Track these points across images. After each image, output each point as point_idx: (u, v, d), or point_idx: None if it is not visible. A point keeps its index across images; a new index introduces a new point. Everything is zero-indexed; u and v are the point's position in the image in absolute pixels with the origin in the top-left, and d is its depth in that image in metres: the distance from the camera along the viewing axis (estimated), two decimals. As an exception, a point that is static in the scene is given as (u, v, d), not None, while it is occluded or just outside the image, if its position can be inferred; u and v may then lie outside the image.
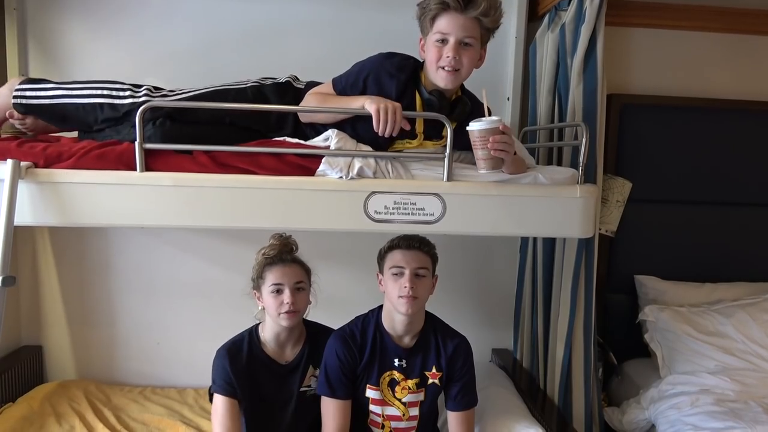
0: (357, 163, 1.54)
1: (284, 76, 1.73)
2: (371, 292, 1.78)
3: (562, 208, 1.59)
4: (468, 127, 1.49)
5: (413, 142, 1.65)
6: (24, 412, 1.96)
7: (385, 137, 1.51)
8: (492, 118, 1.47)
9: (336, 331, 1.72)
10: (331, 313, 1.80)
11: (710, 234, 2.39)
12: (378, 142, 1.59)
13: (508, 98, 2.28)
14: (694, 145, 2.34)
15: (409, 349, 1.68)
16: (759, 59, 2.39)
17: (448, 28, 1.53)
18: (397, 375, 1.67)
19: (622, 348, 2.36)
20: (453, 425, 1.69)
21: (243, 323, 1.75)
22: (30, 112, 1.72)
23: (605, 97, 1.92)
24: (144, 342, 2.35)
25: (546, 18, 2.11)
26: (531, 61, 2.20)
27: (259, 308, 1.70)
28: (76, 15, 2.17)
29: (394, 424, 1.70)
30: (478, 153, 1.50)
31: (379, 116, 1.47)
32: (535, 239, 2.20)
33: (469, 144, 1.53)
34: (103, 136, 1.67)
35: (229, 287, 1.73)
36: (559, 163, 2.01)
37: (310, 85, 1.71)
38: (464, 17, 1.52)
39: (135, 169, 1.50)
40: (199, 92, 1.67)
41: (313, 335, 1.75)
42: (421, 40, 1.62)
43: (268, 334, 1.70)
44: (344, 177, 1.53)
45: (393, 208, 1.54)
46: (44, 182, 1.48)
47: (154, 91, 1.68)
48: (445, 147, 1.56)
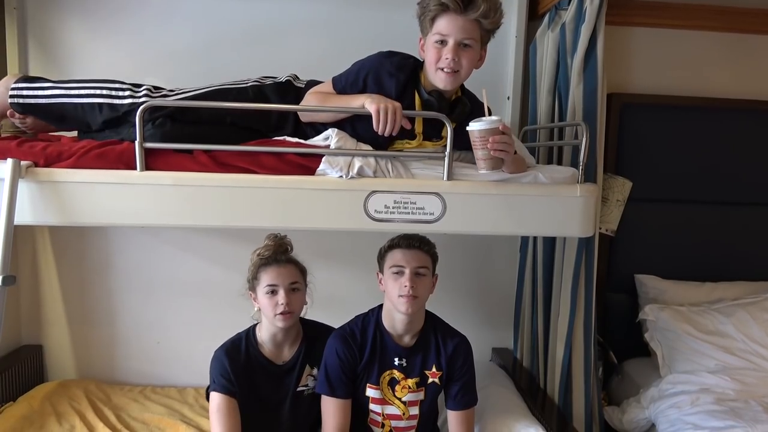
0: (357, 163, 1.53)
1: (284, 75, 1.73)
2: (371, 291, 1.78)
3: (562, 207, 1.59)
4: (468, 127, 1.49)
5: (412, 142, 1.64)
6: (24, 411, 1.96)
7: (385, 137, 1.51)
8: (492, 118, 1.47)
9: (336, 330, 1.72)
10: (331, 312, 1.81)
11: (710, 233, 2.39)
12: (378, 142, 1.58)
13: (508, 97, 2.28)
14: (694, 144, 2.34)
15: (409, 348, 1.68)
16: (759, 58, 2.39)
17: (447, 30, 1.52)
18: (397, 374, 1.67)
19: (622, 347, 2.36)
20: (453, 424, 1.69)
21: (243, 322, 1.75)
22: (27, 112, 1.70)
23: (605, 97, 1.92)
24: (144, 341, 2.35)
25: (546, 17, 2.11)
26: (531, 61, 2.20)
27: (255, 309, 1.69)
28: (76, 14, 2.17)
29: (394, 423, 1.70)
30: (478, 153, 1.50)
31: (379, 116, 1.47)
32: (535, 238, 2.20)
33: (469, 144, 1.53)
34: (103, 136, 1.66)
35: (229, 286, 1.73)
36: (560, 163, 2.01)
37: (311, 84, 1.70)
38: (464, 19, 1.51)
39: (135, 169, 1.49)
40: (199, 92, 1.66)
41: (311, 334, 1.74)
42: (420, 39, 1.61)
43: (264, 335, 1.69)
44: (344, 176, 1.53)
45: (393, 208, 1.54)
46: (44, 181, 1.48)
47: (154, 90, 1.67)
48: (445, 147, 1.56)
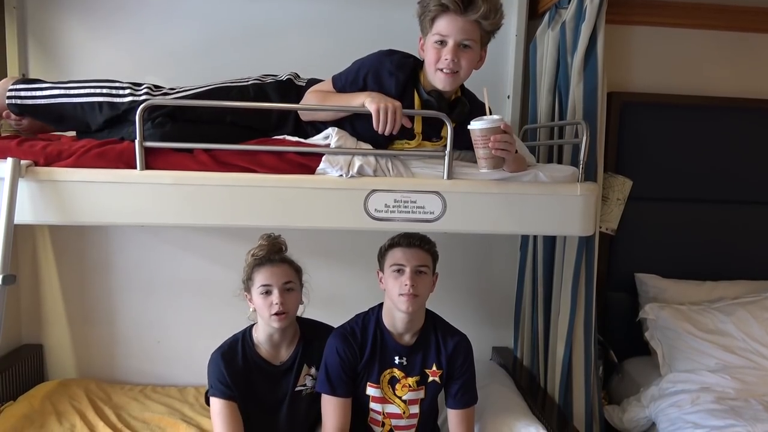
0: (357, 162, 1.53)
1: (285, 74, 1.72)
2: (372, 290, 1.78)
3: (562, 206, 1.59)
4: (469, 126, 1.48)
5: (412, 142, 1.64)
6: (25, 410, 1.96)
7: (385, 136, 1.51)
8: (493, 117, 1.47)
9: (336, 328, 1.72)
10: (331, 311, 1.81)
11: (711, 232, 2.39)
12: (377, 141, 1.58)
13: (508, 96, 2.28)
14: (694, 143, 2.34)
15: (409, 346, 1.68)
16: (759, 57, 2.39)
17: (447, 30, 1.51)
18: (397, 373, 1.67)
19: (623, 346, 2.36)
20: (453, 423, 1.69)
21: (243, 321, 1.74)
22: (25, 113, 1.69)
23: (605, 95, 1.92)
24: (144, 340, 2.35)
25: (546, 16, 2.10)
26: (531, 60, 2.19)
27: (251, 310, 1.68)
28: (76, 13, 2.16)
29: (394, 422, 1.70)
30: (479, 152, 1.49)
31: (379, 115, 1.47)
32: (535, 237, 2.20)
33: (469, 143, 1.52)
34: (102, 136, 1.65)
35: (229, 285, 1.72)
36: (560, 162, 2.00)
37: (312, 83, 1.70)
38: (464, 19, 1.50)
39: (135, 168, 1.49)
40: (200, 90, 1.66)
41: (308, 334, 1.73)
42: (420, 39, 1.61)
43: (261, 336, 1.69)
44: (344, 175, 1.53)
45: (393, 207, 1.54)
46: (44, 181, 1.48)
47: (155, 89, 1.66)
48: (444, 147, 1.55)
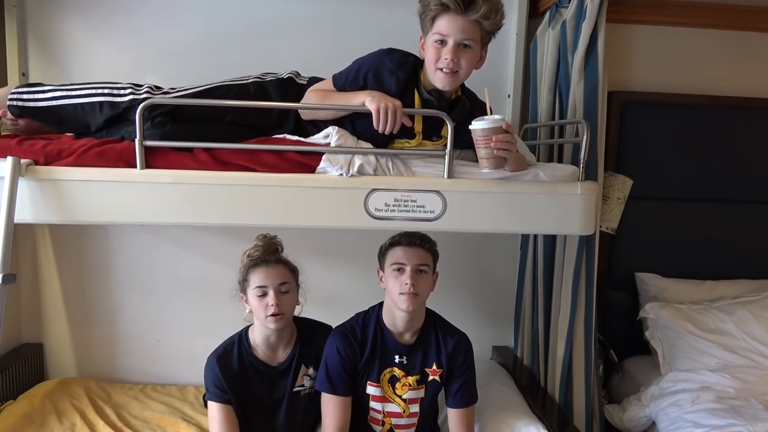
0: (357, 161, 1.53)
1: (286, 72, 1.72)
2: (372, 288, 1.78)
3: (562, 205, 1.59)
4: (470, 126, 1.48)
5: (412, 141, 1.64)
6: (25, 409, 1.96)
7: (385, 135, 1.51)
8: (495, 117, 1.46)
9: (336, 327, 1.72)
10: (331, 310, 1.80)
11: (711, 231, 2.39)
12: (377, 140, 1.58)
13: (508, 95, 2.28)
14: (694, 142, 2.34)
15: (409, 345, 1.68)
16: (760, 56, 2.39)
17: (447, 30, 1.51)
18: (397, 372, 1.67)
19: (623, 345, 2.36)
20: (453, 422, 1.69)
21: (242, 321, 1.74)
22: (25, 114, 1.69)
23: (606, 95, 1.91)
24: (144, 339, 2.35)
25: (547, 15, 2.10)
26: (532, 59, 2.19)
27: (247, 311, 1.67)
28: (76, 12, 2.16)
29: (394, 420, 1.70)
30: (481, 152, 1.49)
31: (379, 115, 1.47)
32: (535, 236, 2.20)
33: (469, 142, 1.52)
34: (101, 136, 1.65)
35: (229, 285, 1.72)
36: (560, 161, 2.00)
37: (313, 81, 1.69)
38: (464, 19, 1.49)
39: (135, 167, 1.49)
40: (200, 89, 1.66)
41: (305, 334, 1.73)
42: (421, 38, 1.60)
43: (258, 337, 1.68)
44: (345, 174, 1.52)
45: (393, 206, 1.54)
46: (44, 180, 1.48)
47: (155, 90, 1.67)
48: (444, 146, 1.55)
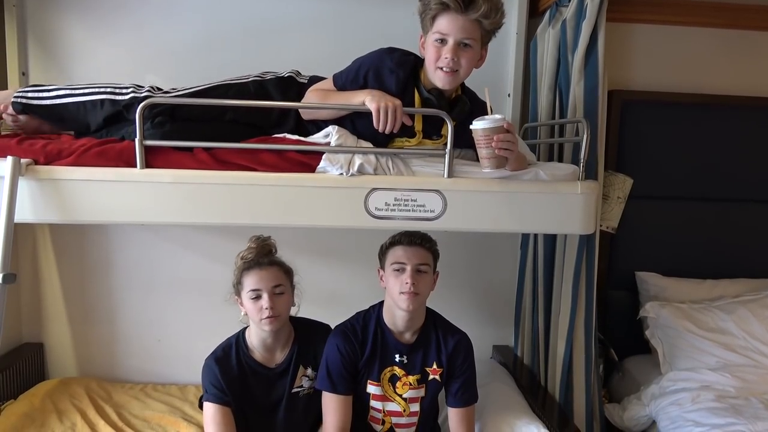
0: (357, 160, 1.53)
1: (286, 71, 1.72)
2: (372, 288, 1.77)
3: (563, 204, 1.59)
4: (471, 126, 1.48)
5: (412, 140, 1.64)
6: (25, 409, 1.96)
7: (385, 134, 1.51)
8: (495, 117, 1.46)
9: (337, 326, 1.72)
10: (332, 309, 1.80)
11: (711, 230, 2.39)
12: (377, 139, 1.58)
13: (508, 95, 2.28)
14: (695, 141, 2.34)
15: (410, 345, 1.68)
16: (760, 55, 2.39)
17: (447, 29, 1.51)
18: (398, 371, 1.67)
19: (623, 344, 2.36)
20: (453, 422, 1.69)
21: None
22: (28, 111, 1.70)
23: (606, 94, 1.91)
24: (145, 339, 2.35)
25: (547, 14, 2.10)
26: (532, 58, 2.19)
27: (242, 314, 1.66)
28: (75, 12, 2.16)
29: (394, 419, 1.70)
30: (482, 152, 1.49)
31: (379, 114, 1.47)
32: (536, 236, 2.20)
33: (469, 142, 1.52)
34: (101, 136, 1.65)
35: (229, 284, 1.72)
36: (560, 160, 2.00)
37: (313, 80, 1.70)
38: (464, 18, 1.49)
39: (135, 166, 1.49)
40: (200, 87, 1.66)
41: (302, 334, 1.72)
42: (421, 37, 1.60)
43: (254, 339, 1.67)
44: (345, 173, 1.52)
45: (393, 205, 1.54)
46: (44, 179, 1.47)
47: (156, 91, 1.67)
48: (445, 146, 1.55)
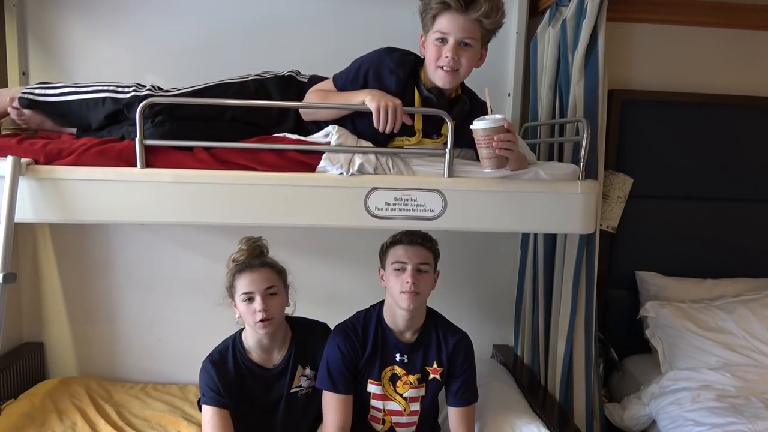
0: (357, 159, 1.53)
1: (286, 70, 1.72)
2: (373, 287, 1.78)
3: (563, 204, 1.59)
4: (472, 126, 1.48)
5: (412, 139, 1.64)
6: (26, 408, 1.96)
7: (386, 134, 1.51)
8: (496, 117, 1.46)
9: (337, 325, 1.72)
10: (332, 308, 1.80)
11: (711, 230, 2.39)
12: (377, 139, 1.58)
13: (509, 94, 2.28)
14: (695, 140, 2.34)
15: (410, 344, 1.68)
16: (760, 54, 2.38)
17: (448, 28, 1.51)
18: (398, 370, 1.67)
19: (623, 344, 2.36)
20: (453, 421, 1.69)
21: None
22: (33, 106, 1.71)
23: (606, 93, 1.91)
24: (145, 338, 2.35)
25: (547, 13, 2.10)
26: (532, 57, 2.19)
27: (237, 316, 1.65)
28: (76, 11, 2.16)
29: (395, 419, 1.70)
30: (482, 152, 1.49)
31: (380, 114, 1.47)
32: (536, 235, 2.20)
33: (469, 141, 1.53)
34: (101, 135, 1.66)
35: (229, 284, 1.72)
36: (560, 159, 2.00)
37: (314, 79, 1.70)
38: (465, 18, 1.50)
39: (135, 166, 1.49)
40: (200, 86, 1.66)
41: (299, 334, 1.71)
42: (422, 36, 1.61)
43: (251, 341, 1.67)
44: (345, 173, 1.52)
45: (394, 204, 1.54)
46: (45, 179, 1.48)
47: (157, 90, 1.68)
48: (444, 145, 1.55)
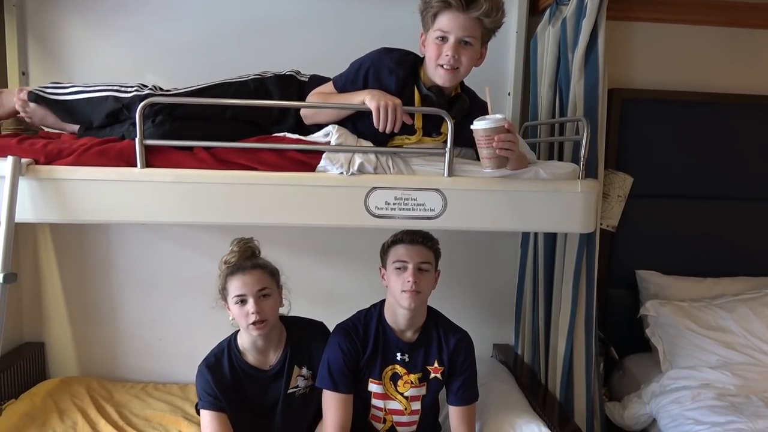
0: (357, 159, 1.53)
1: (286, 70, 1.73)
2: (373, 287, 1.78)
3: (563, 203, 1.59)
4: (472, 126, 1.48)
5: (412, 138, 1.64)
6: (26, 408, 1.97)
7: (386, 133, 1.51)
8: (496, 117, 1.46)
9: (338, 324, 1.72)
10: (332, 308, 1.80)
11: (711, 228, 2.39)
12: (377, 138, 1.58)
13: (509, 93, 2.28)
14: (695, 139, 2.34)
15: (411, 343, 1.68)
16: (760, 53, 2.38)
17: (448, 27, 1.52)
18: (399, 369, 1.68)
19: (624, 343, 2.36)
20: (454, 420, 1.69)
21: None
22: (39, 102, 1.72)
23: (606, 92, 1.91)
24: (146, 338, 2.36)
25: (547, 12, 2.10)
26: (532, 56, 2.19)
27: (230, 318, 1.64)
28: (75, 11, 2.16)
29: (396, 418, 1.70)
30: (483, 152, 1.49)
31: (379, 114, 1.47)
32: (536, 234, 2.20)
33: (468, 140, 1.53)
34: (103, 134, 1.66)
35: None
36: (560, 158, 2.00)
37: (314, 79, 1.70)
38: (465, 16, 1.51)
39: (135, 166, 1.49)
40: (200, 86, 1.67)
41: (294, 334, 1.71)
42: (422, 35, 1.61)
43: (246, 343, 1.66)
44: (345, 173, 1.53)
45: (394, 204, 1.54)
46: (45, 179, 1.48)
47: (159, 91, 1.68)
48: (445, 143, 1.55)
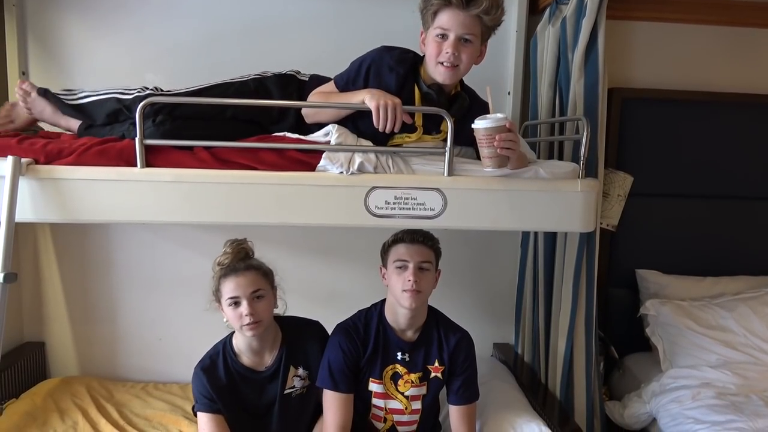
0: (357, 158, 1.53)
1: (286, 70, 1.73)
2: (373, 286, 1.78)
3: (563, 202, 1.59)
4: (473, 125, 1.48)
5: (412, 136, 1.65)
6: (27, 408, 1.97)
7: (386, 133, 1.51)
8: (497, 116, 1.46)
9: (339, 324, 1.72)
10: (332, 308, 1.80)
11: (712, 228, 2.39)
12: (378, 137, 1.58)
13: (509, 92, 2.28)
14: (695, 138, 2.34)
15: (412, 342, 1.68)
16: (761, 53, 2.38)
17: (448, 24, 1.53)
18: (400, 368, 1.68)
19: (624, 342, 2.36)
20: (454, 419, 1.69)
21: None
22: (48, 97, 1.74)
23: (606, 91, 1.91)
24: (146, 338, 2.36)
25: (547, 12, 2.09)
26: (532, 55, 2.19)
27: (224, 320, 1.64)
28: (75, 11, 2.16)
29: (396, 417, 1.71)
30: (484, 151, 1.49)
31: (379, 113, 1.47)
32: (536, 234, 2.20)
33: (468, 138, 1.53)
34: (103, 133, 1.67)
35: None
36: (560, 158, 2.00)
37: (314, 78, 1.71)
38: (465, 14, 1.52)
39: (136, 166, 1.49)
40: (200, 86, 1.67)
41: (290, 334, 1.70)
42: (422, 33, 1.62)
43: (241, 344, 1.66)
44: (345, 172, 1.53)
45: (394, 203, 1.54)
46: (45, 179, 1.48)
47: (159, 91, 1.69)
48: (445, 141, 1.55)
